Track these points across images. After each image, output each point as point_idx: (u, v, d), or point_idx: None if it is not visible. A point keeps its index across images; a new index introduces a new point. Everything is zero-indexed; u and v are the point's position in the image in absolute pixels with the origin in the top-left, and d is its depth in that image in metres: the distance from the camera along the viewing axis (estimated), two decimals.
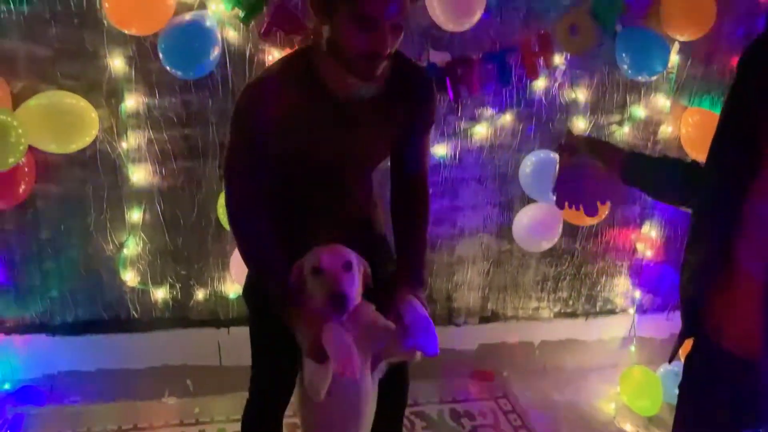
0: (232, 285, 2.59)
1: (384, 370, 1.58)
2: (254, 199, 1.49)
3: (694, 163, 1.43)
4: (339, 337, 1.32)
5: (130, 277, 2.51)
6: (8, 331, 2.50)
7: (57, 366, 2.55)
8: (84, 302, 2.54)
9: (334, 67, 1.40)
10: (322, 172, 1.53)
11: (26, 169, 2.20)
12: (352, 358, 1.29)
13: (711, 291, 1.29)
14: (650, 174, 1.45)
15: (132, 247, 2.48)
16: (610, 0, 2.37)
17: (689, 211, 1.36)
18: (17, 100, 2.16)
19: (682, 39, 2.48)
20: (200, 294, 2.61)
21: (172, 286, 2.58)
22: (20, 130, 2.02)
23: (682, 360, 1.45)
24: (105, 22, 2.18)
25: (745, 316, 1.24)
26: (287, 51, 2.06)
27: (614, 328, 2.97)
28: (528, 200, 2.61)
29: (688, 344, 1.40)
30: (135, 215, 2.45)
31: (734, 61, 2.53)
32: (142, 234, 2.48)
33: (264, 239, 1.49)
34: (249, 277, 1.70)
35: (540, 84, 2.53)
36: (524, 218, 2.57)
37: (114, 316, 2.57)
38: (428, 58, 2.41)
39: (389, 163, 1.65)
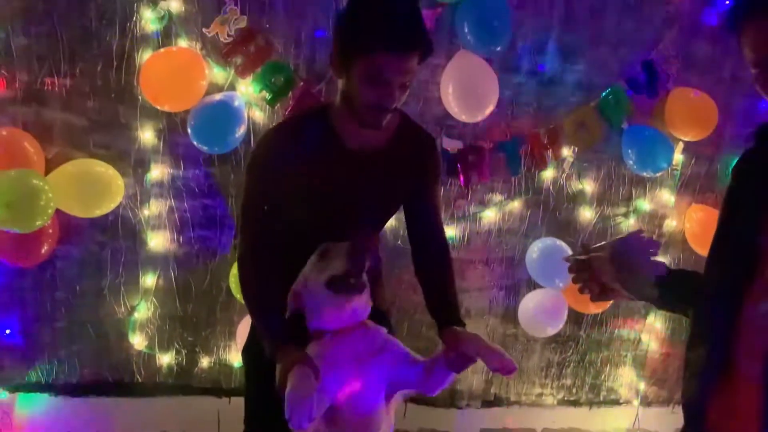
0: (237, 354, 2.61)
1: (400, 401, 1.55)
2: (265, 243, 1.55)
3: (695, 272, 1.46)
4: (298, 383, 1.30)
5: (138, 341, 2.54)
6: (12, 389, 2.51)
7: (57, 428, 2.54)
8: (90, 364, 2.56)
9: (347, 118, 1.52)
10: (334, 223, 1.54)
11: (50, 231, 2.29)
12: (299, 408, 1.25)
13: (711, 393, 1.32)
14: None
15: (143, 311, 2.53)
16: (616, 100, 2.52)
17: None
18: (50, 165, 2.28)
19: (686, 139, 2.60)
20: (205, 361, 2.63)
21: (178, 352, 2.60)
22: (50, 195, 2.12)
23: None
24: (140, 97, 2.33)
25: (744, 419, 1.26)
26: None
27: (618, 419, 2.95)
28: (534, 285, 2.65)
29: None
30: (149, 280, 2.51)
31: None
32: (154, 299, 2.53)
33: (268, 281, 1.54)
34: (250, 335, 1.73)
35: (548, 174, 2.64)
36: (530, 303, 2.62)
37: (118, 379, 2.59)
38: (441, 144, 2.53)
39: (407, 234, 1.72)
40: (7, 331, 2.46)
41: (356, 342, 1.42)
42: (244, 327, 2.47)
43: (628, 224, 2.74)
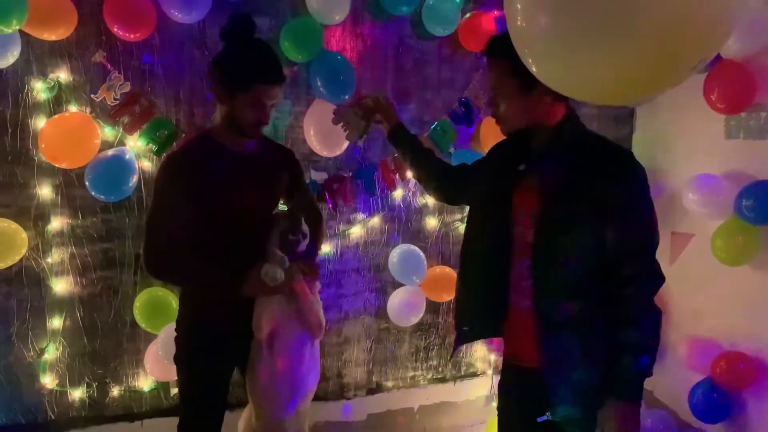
0: (147, 380, 2.89)
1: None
2: (173, 240, 1.97)
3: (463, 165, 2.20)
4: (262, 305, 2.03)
5: (48, 380, 2.74)
6: None
7: None
8: (2, 409, 2.71)
9: (228, 132, 2.05)
10: (234, 212, 2.03)
11: None
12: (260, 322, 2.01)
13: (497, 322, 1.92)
14: (415, 148, 2.24)
15: (52, 351, 2.74)
16: (443, 130, 3.17)
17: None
18: None
19: None
20: (116, 391, 2.87)
21: (89, 386, 2.82)
22: None
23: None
24: (36, 158, 2.60)
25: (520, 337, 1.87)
26: None
27: (478, 389, 3.52)
28: (397, 284, 3.21)
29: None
30: (56, 322, 2.73)
31: None
32: (62, 339, 2.75)
33: (190, 257, 2.00)
34: (181, 310, 2.16)
35: (398, 193, 3.22)
36: (396, 299, 3.16)
37: (32, 420, 2.75)
38: (310, 176, 3.03)
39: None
40: None
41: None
42: (150, 354, 2.77)
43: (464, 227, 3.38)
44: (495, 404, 3.46)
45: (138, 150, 2.72)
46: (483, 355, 3.54)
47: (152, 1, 2.57)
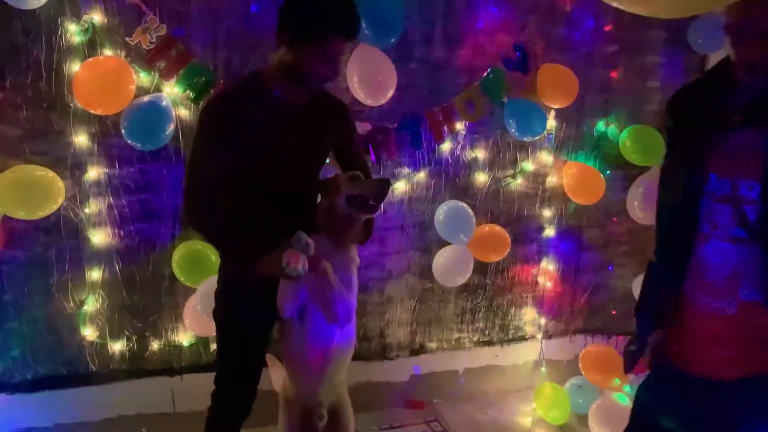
0: (186, 335, 2.85)
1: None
2: (214, 192, 1.84)
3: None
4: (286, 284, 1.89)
5: (89, 333, 2.71)
6: None
7: (16, 423, 2.67)
8: (44, 359, 2.70)
9: (283, 80, 1.85)
10: (277, 166, 1.88)
11: None
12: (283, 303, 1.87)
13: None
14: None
15: (92, 304, 2.71)
16: (496, 79, 2.95)
17: None
18: None
19: (555, 107, 3.08)
20: (155, 345, 2.83)
21: (128, 339, 2.79)
22: None
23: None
24: (72, 105, 2.51)
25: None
26: None
27: (526, 353, 3.38)
28: (443, 243, 3.05)
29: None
30: (95, 274, 2.69)
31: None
32: (101, 291, 2.71)
33: (226, 217, 1.87)
34: (217, 298, 2.06)
35: (446, 146, 3.03)
36: (441, 259, 3.00)
37: (73, 371, 2.74)
38: None
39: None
40: None
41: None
42: (190, 307, 2.71)
43: (516, 183, 3.19)
44: (543, 369, 3.39)
45: (175, 97, 2.60)
46: (532, 318, 3.38)
47: None
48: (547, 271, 3.35)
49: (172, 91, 2.59)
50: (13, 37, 2.42)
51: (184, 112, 2.64)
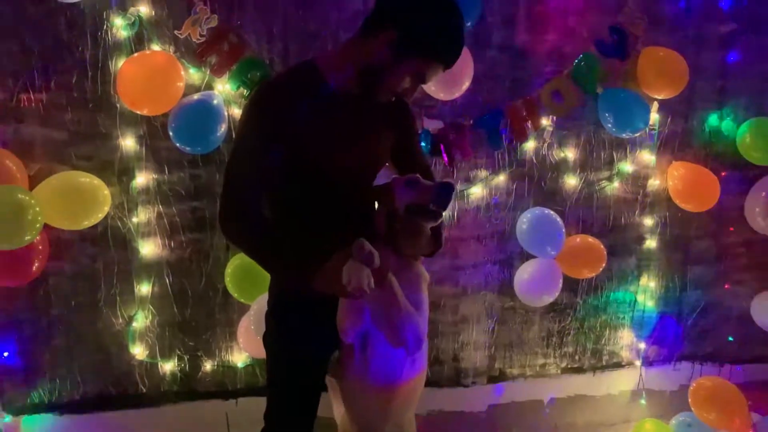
0: (240, 355, 2.61)
1: None
2: (258, 194, 1.59)
3: None
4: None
5: (138, 351, 2.53)
6: (16, 412, 2.48)
7: None
8: (92, 379, 2.54)
9: (346, 74, 1.60)
10: (328, 171, 1.61)
11: (40, 247, 2.27)
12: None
13: None
14: None
15: (141, 320, 2.52)
16: (588, 66, 2.55)
17: None
18: (33, 182, 2.26)
19: (660, 97, 2.65)
20: (208, 365, 2.62)
21: (180, 359, 2.59)
22: (37, 208, 2.11)
23: None
24: (118, 105, 2.33)
25: None
26: None
27: (622, 382, 2.98)
28: (527, 256, 2.68)
29: None
30: (144, 288, 2.50)
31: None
32: (151, 307, 2.52)
33: (269, 223, 1.62)
34: (268, 322, 1.79)
35: (530, 145, 2.67)
36: (524, 274, 2.64)
37: (122, 392, 2.57)
38: (422, 125, 2.55)
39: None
40: (5, 354, 2.44)
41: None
42: (244, 326, 2.47)
43: (612, 187, 2.78)
44: (643, 402, 2.95)
45: (227, 95, 2.36)
46: (630, 342, 2.96)
47: None
48: (648, 289, 2.92)
49: (224, 88, 2.36)
50: (57, 33, 2.26)
51: (237, 112, 2.40)
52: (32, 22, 2.22)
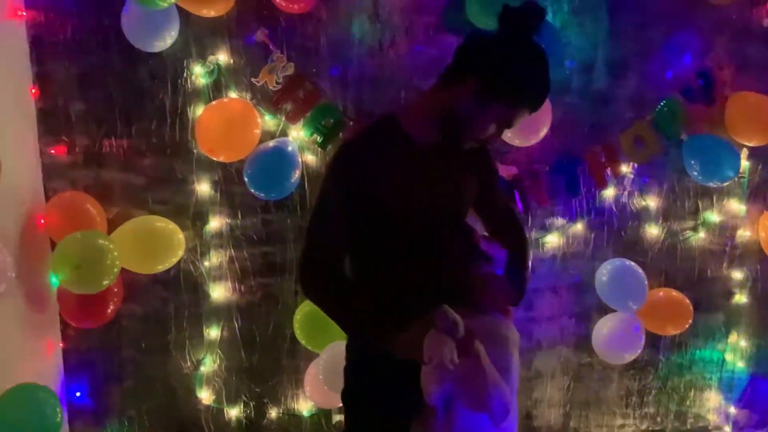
0: (306, 403, 2.56)
1: None
2: (339, 255, 1.53)
3: None
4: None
5: (205, 396, 2.51)
6: None
7: None
8: (160, 421, 2.54)
9: (429, 125, 1.55)
10: (416, 225, 1.55)
11: (115, 290, 2.30)
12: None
13: None
14: None
15: (209, 364, 2.51)
16: (672, 111, 2.44)
17: None
18: (112, 225, 2.31)
19: (751, 144, 2.50)
20: (273, 412, 2.58)
21: (245, 404, 2.56)
22: (115, 254, 2.14)
23: None
24: (195, 151, 2.36)
25: None
26: None
27: None
28: (606, 309, 2.54)
29: None
30: (213, 332, 2.50)
31: None
32: (219, 351, 2.51)
33: (349, 284, 1.54)
34: (348, 376, 1.69)
35: (609, 193, 2.55)
36: (603, 329, 2.50)
37: None
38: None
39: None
40: (77, 394, 2.47)
41: None
42: (311, 374, 2.42)
43: (698, 238, 2.62)
44: None
45: (301, 141, 2.36)
46: (718, 404, 2.76)
47: None
48: (737, 347, 2.73)
49: (298, 135, 2.36)
50: (139, 82, 2.32)
51: (310, 158, 2.41)
52: (116, 71, 2.30)
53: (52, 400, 2.03)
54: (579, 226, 2.57)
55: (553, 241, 2.57)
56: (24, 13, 2.18)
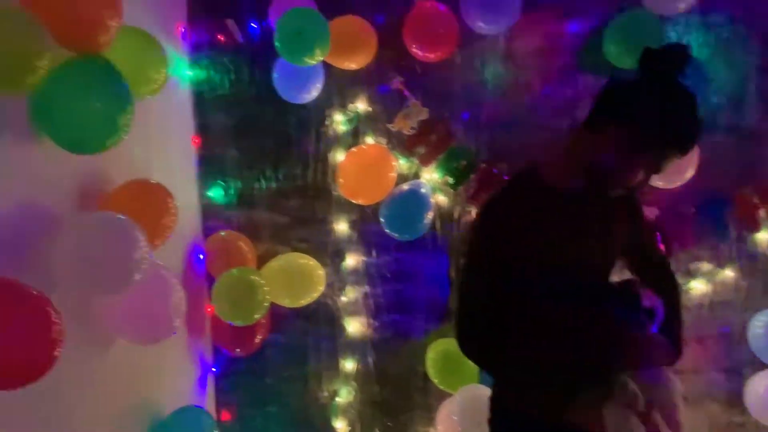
0: None
1: None
2: (493, 314, 1.51)
3: None
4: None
5: (341, 426, 2.62)
6: None
7: None
8: None
9: (571, 175, 1.53)
10: (568, 279, 1.51)
11: (263, 321, 2.48)
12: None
13: None
14: None
15: (344, 396, 2.61)
16: None
17: None
18: (260, 261, 2.51)
19: None
20: None
21: None
22: (266, 288, 2.31)
23: None
24: (334, 193, 2.51)
25: None
26: None
27: None
28: (760, 365, 2.34)
29: None
30: (348, 365, 2.60)
31: None
32: (354, 383, 2.61)
33: (509, 343, 1.51)
34: (498, 386, 1.64)
35: (762, 236, 2.36)
36: (759, 387, 2.30)
37: None
38: None
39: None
40: (225, 416, 2.68)
41: None
42: (445, 414, 2.43)
43: None
44: None
45: (433, 183, 2.43)
46: None
47: (454, 14, 2.25)
48: None
49: (431, 177, 2.43)
50: (287, 130, 2.51)
51: (441, 199, 2.46)
52: (267, 121, 2.50)
53: (210, 422, 2.22)
54: (728, 272, 2.40)
55: (699, 287, 2.41)
56: (190, 73, 2.45)
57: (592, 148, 1.49)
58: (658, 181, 2.28)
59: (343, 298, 2.58)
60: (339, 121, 2.47)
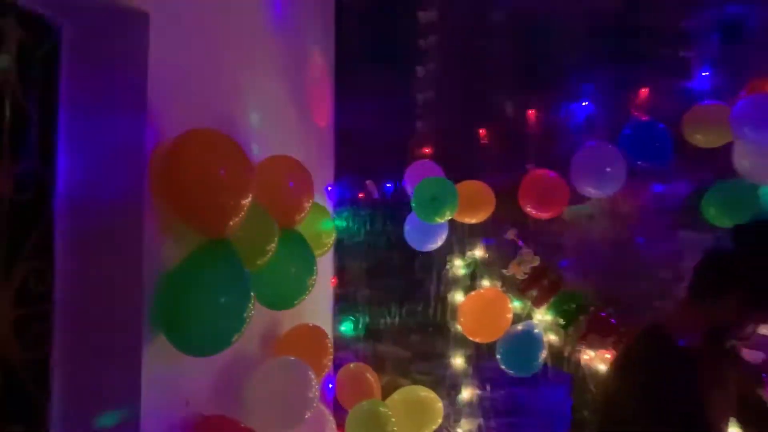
0: None
1: None
2: None
3: None
4: None
5: None
6: None
7: None
8: None
9: (694, 336, 1.70)
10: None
11: None
12: None
13: None
14: None
15: None
16: None
17: None
18: (383, 392, 2.75)
19: None
20: None
21: None
22: (393, 420, 2.54)
23: None
24: (452, 330, 2.77)
25: None
26: (602, 352, 2.45)
27: None
28: None
29: None
30: None
31: None
32: None
33: None
34: None
35: None
36: None
37: None
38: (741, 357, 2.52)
39: None
40: None
41: None
42: None
43: None
44: None
45: (545, 323, 2.66)
46: None
47: (565, 180, 2.58)
48: None
49: (543, 317, 2.67)
50: (412, 273, 2.84)
51: (553, 338, 2.68)
52: (395, 265, 2.85)
53: None
54: None
55: None
56: (334, 224, 2.86)
57: (712, 314, 1.72)
58: (763, 330, 2.43)
59: (459, 430, 2.77)
60: (458, 266, 2.79)
